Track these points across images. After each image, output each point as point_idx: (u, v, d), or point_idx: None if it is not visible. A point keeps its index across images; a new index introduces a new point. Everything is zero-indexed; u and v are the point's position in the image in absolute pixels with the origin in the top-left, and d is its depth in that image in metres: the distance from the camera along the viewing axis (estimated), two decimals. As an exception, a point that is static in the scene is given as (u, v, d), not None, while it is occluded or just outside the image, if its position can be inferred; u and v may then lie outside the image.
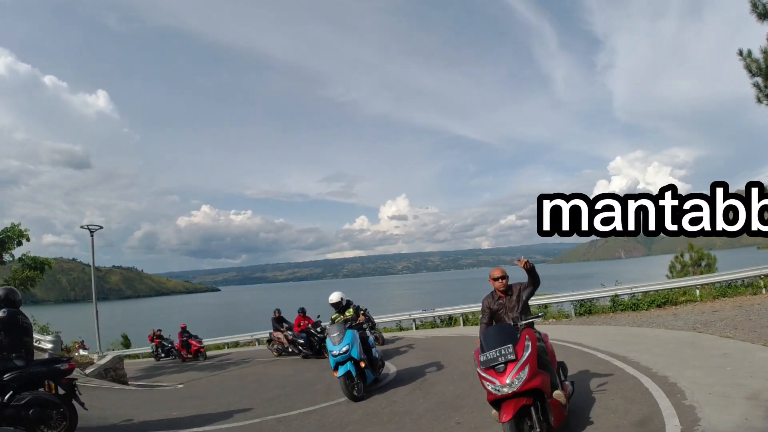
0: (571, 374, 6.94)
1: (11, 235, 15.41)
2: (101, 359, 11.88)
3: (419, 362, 9.59)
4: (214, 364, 14.74)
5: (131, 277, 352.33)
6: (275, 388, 8.94)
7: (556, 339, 10.22)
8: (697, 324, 9.70)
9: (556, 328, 12.57)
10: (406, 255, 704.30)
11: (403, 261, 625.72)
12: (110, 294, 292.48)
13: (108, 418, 6.61)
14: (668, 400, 5.07)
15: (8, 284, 15.12)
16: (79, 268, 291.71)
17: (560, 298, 15.28)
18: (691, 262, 15.38)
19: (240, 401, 7.77)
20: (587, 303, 14.55)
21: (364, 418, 5.96)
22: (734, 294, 12.78)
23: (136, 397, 9.40)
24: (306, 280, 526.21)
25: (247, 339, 21.78)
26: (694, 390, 5.28)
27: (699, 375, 5.89)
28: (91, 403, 7.74)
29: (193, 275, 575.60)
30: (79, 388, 5.67)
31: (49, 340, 11.30)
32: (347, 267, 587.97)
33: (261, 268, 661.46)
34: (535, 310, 13.12)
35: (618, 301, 13.94)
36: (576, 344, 9.24)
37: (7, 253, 15.71)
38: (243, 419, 6.40)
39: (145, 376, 14.01)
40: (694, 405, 4.79)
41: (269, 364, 13.21)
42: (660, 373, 6.22)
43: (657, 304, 13.24)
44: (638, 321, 11.60)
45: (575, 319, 13.89)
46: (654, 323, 10.78)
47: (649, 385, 5.74)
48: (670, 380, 5.82)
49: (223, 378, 11.69)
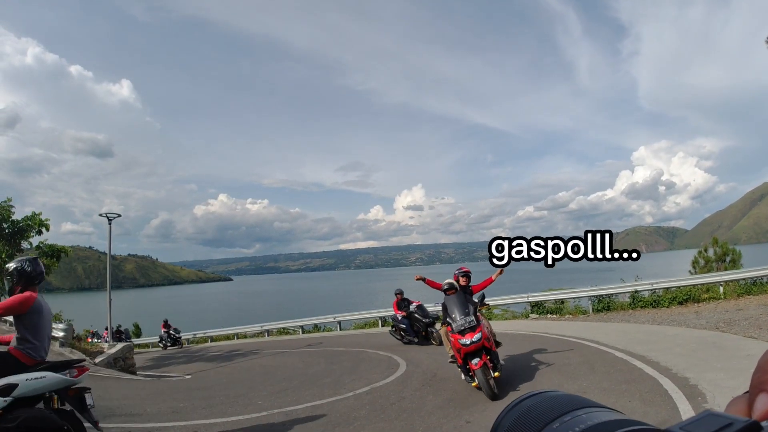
0: (585, 374, 6.76)
1: (31, 224, 15.67)
2: (111, 348, 11.98)
3: (429, 357, 9.46)
4: (222, 356, 14.80)
5: (146, 266, 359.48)
6: (282, 380, 8.89)
7: (572, 336, 10.00)
8: (720, 323, 9.35)
9: (572, 324, 12.31)
10: (420, 246, 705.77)
11: (417, 252, 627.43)
12: (124, 282, 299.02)
13: (115, 408, 6.60)
14: (688, 403, 4.90)
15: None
16: (95, 256, 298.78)
17: (577, 293, 14.98)
18: (715, 257, 14.83)
19: (247, 393, 7.74)
20: (605, 299, 14.20)
21: (372, 414, 5.84)
22: (760, 292, 12.32)
23: (144, 388, 9.44)
24: (318, 270, 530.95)
25: (257, 330, 21.84)
26: (715, 393, 5.11)
27: (721, 377, 5.69)
28: (99, 393, 7.78)
29: (207, 264, 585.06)
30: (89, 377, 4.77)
31: (61, 329, 11.40)
32: (360, 258, 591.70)
33: (274, 258, 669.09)
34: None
35: (638, 298, 13.57)
36: (593, 342, 8.98)
37: (26, 241, 15.99)
38: (250, 411, 6.35)
39: (154, 366, 14.16)
40: (714, 408, 4.54)
41: (277, 357, 13.22)
42: (680, 375, 6.01)
43: (679, 301, 12.85)
44: (659, 319, 11.26)
45: (592, 316, 13.57)
46: (675, 321, 10.45)
47: (668, 386, 5.56)
48: (691, 382, 5.63)
49: (230, 369, 11.71)
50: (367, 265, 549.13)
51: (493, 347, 6.48)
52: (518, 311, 15.85)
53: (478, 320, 6.36)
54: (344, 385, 7.53)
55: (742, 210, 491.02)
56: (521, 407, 0.49)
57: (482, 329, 6.23)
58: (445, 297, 6.75)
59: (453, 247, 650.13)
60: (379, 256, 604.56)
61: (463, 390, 6.51)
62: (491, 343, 6.41)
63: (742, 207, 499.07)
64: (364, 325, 18.72)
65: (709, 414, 0.47)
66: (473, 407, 5.63)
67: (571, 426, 0.48)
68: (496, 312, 15.54)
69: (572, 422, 0.48)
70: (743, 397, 0.47)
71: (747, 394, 0.48)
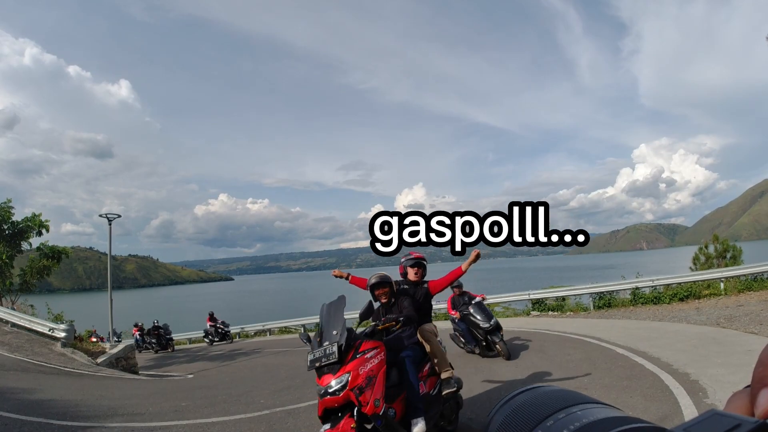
0: (586, 370, 6.76)
1: (31, 225, 15.70)
2: (113, 348, 11.99)
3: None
4: (224, 355, 14.82)
5: (147, 266, 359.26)
6: (285, 379, 8.89)
7: (574, 333, 10.00)
8: (721, 319, 9.35)
9: (573, 321, 12.31)
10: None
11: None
12: (125, 283, 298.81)
13: (118, 408, 6.60)
14: (689, 398, 4.89)
15: (25, 273, 15.46)
16: (95, 256, 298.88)
17: (578, 290, 14.97)
18: (715, 254, 14.83)
19: (249, 392, 7.74)
20: (606, 296, 14.21)
21: (373, 412, 5.83)
22: (760, 288, 12.31)
23: (146, 387, 9.44)
24: (320, 269, 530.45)
25: (259, 328, 21.75)
26: (716, 388, 5.11)
27: (722, 372, 5.69)
28: (101, 393, 7.80)
29: (208, 264, 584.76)
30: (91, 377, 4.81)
31: (62, 329, 11.43)
32: (361, 257, 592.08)
33: (274, 258, 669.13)
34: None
35: (639, 294, 13.57)
36: (594, 339, 8.99)
37: (26, 242, 16.00)
38: (252, 410, 6.35)
39: (156, 365, 14.16)
40: (716, 404, 4.60)
41: (279, 356, 13.22)
42: (681, 370, 6.02)
43: (679, 297, 12.85)
44: (659, 315, 11.26)
45: (594, 313, 13.57)
46: (676, 318, 10.46)
47: (669, 382, 5.55)
48: (692, 378, 5.64)
49: (232, 369, 11.72)
50: (368, 264, 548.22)
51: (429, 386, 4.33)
52: (519, 309, 15.87)
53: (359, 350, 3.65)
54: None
55: (743, 207, 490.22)
56: (514, 403, 0.48)
57: (359, 368, 3.50)
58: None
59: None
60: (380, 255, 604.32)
61: (464, 386, 6.51)
62: (370, 394, 3.47)
63: (742, 204, 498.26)
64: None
65: (714, 414, 0.44)
66: (475, 405, 5.63)
67: (566, 424, 0.45)
68: (497, 310, 15.54)
69: (567, 419, 0.45)
70: (744, 392, 0.45)
71: (748, 389, 0.46)
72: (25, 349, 10.54)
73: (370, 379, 3.53)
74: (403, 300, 4.58)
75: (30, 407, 5.99)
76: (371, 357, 3.68)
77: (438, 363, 4.55)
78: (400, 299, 4.61)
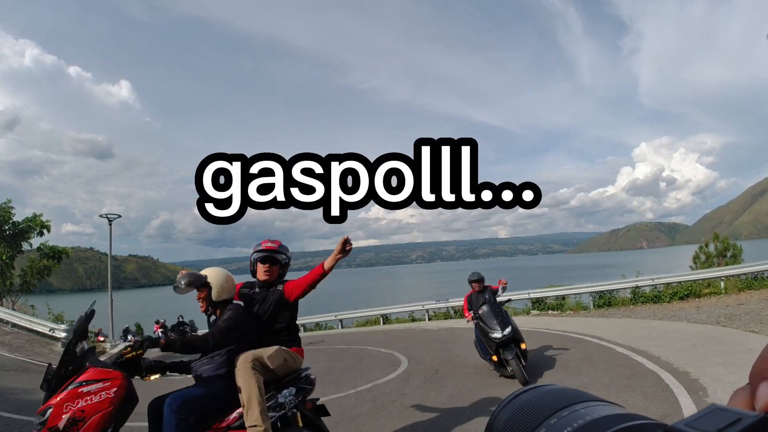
0: (587, 369, 6.76)
1: (32, 226, 15.73)
2: (114, 348, 12.01)
3: (431, 354, 9.45)
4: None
5: (147, 266, 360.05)
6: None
7: (573, 332, 10.00)
8: (721, 318, 9.35)
9: (573, 320, 12.31)
10: (421, 244, 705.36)
11: (418, 250, 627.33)
12: (125, 283, 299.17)
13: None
14: (689, 397, 4.89)
15: (25, 273, 15.49)
16: (96, 257, 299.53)
17: (578, 289, 14.95)
18: (716, 252, 14.86)
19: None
20: (606, 294, 14.20)
21: (374, 411, 5.84)
22: (761, 287, 12.30)
23: (147, 386, 9.43)
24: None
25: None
26: (716, 387, 5.10)
27: (722, 371, 5.68)
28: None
29: (208, 264, 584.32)
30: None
31: (63, 329, 11.45)
32: (361, 256, 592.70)
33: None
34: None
35: (639, 293, 13.57)
36: (594, 338, 8.99)
37: (26, 242, 16.03)
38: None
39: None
40: (716, 403, 4.56)
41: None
42: (681, 369, 6.01)
43: (680, 296, 12.84)
44: (660, 314, 11.26)
45: (594, 312, 13.58)
46: (676, 316, 10.46)
47: (669, 381, 5.55)
48: (692, 376, 5.63)
49: (235, 367, 11.70)
50: (368, 264, 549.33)
51: None
52: (519, 308, 15.86)
53: None
54: (346, 382, 7.53)
55: (743, 205, 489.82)
56: (517, 401, 0.48)
57: (65, 404, 2.89)
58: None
59: (454, 245, 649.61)
60: (380, 255, 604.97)
61: (465, 387, 6.52)
62: None
63: (743, 202, 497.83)
64: (366, 323, 18.70)
65: (715, 408, 0.43)
66: (475, 403, 5.63)
67: (570, 422, 0.44)
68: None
69: (570, 417, 0.45)
70: (746, 388, 0.44)
71: (749, 385, 0.45)
72: (26, 350, 10.55)
73: (73, 423, 2.70)
74: (231, 310, 3.35)
75: (30, 407, 5.98)
76: (90, 392, 2.84)
77: (246, 411, 3.11)
78: (230, 309, 3.36)
